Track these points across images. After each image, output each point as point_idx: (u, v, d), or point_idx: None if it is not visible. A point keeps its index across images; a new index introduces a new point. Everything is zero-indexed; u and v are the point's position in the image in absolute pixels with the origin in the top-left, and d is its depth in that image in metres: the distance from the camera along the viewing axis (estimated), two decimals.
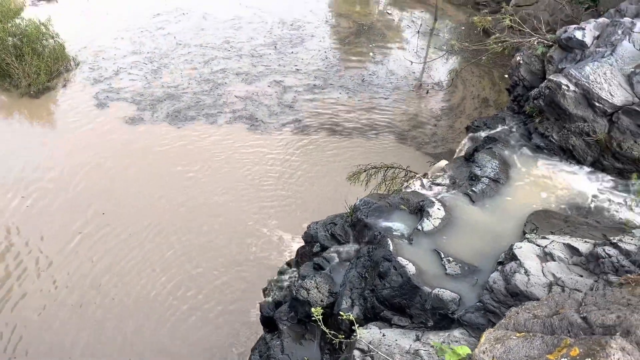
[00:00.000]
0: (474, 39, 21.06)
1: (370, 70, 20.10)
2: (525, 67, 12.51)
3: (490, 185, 9.39)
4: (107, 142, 16.26)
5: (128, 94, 18.28)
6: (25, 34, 18.19)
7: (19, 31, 18.27)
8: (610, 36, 11.28)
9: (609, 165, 9.95)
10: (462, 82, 19.48)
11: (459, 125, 17.26)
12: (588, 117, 10.06)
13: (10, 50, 17.64)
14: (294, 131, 17.06)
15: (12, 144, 16.05)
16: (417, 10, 24.53)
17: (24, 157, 15.50)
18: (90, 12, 23.34)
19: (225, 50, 20.85)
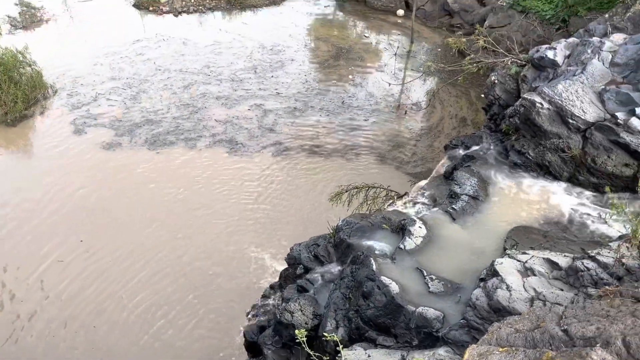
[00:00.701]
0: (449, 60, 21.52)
1: (350, 93, 20.34)
2: (500, 86, 12.80)
3: (469, 203, 9.51)
4: (84, 168, 16.11)
5: (106, 119, 18.18)
6: (2, 63, 18.04)
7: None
8: (580, 55, 11.64)
9: (584, 180, 10.16)
10: (440, 102, 19.80)
11: (438, 145, 17.48)
12: (562, 134, 10.30)
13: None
14: (275, 153, 17.10)
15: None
16: (393, 33, 25.00)
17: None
18: (69, 39, 23.29)
19: (205, 75, 20.93)
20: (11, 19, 23.88)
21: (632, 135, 9.55)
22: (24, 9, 24.40)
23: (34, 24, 23.96)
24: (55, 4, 25.97)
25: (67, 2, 26.55)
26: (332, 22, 26.30)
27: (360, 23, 26.15)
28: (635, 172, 9.62)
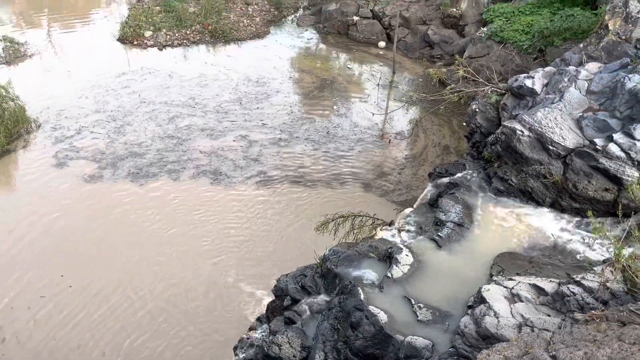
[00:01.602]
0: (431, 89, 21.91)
1: (335, 123, 20.55)
2: (481, 114, 13.06)
3: (455, 230, 9.57)
4: (64, 201, 15.95)
5: (89, 152, 18.09)
6: None
7: None
8: (557, 83, 11.96)
9: (567, 206, 10.31)
10: (423, 131, 20.08)
11: (423, 173, 17.65)
12: (544, 160, 10.49)
13: None
14: (259, 183, 17.12)
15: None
16: (376, 64, 25.46)
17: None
18: (54, 73, 23.31)
19: (191, 107, 21.03)
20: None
21: (611, 161, 9.76)
22: (8, 44, 24.43)
23: (17, 59, 23.97)
24: (39, 39, 26.07)
25: (51, 37, 26.66)
26: (316, 54, 26.73)
27: (343, 55, 26.61)
28: (616, 197, 9.80)
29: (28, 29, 27.35)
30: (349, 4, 28.39)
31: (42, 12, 29.58)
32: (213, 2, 28.40)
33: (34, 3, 30.78)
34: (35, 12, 29.57)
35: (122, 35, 26.46)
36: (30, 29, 27.30)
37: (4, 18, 28.44)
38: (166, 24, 27.22)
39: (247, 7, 29.93)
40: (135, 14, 27.62)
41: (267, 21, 29.25)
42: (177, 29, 26.95)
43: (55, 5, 30.55)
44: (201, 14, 27.82)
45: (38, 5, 30.53)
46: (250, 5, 30.09)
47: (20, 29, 27.21)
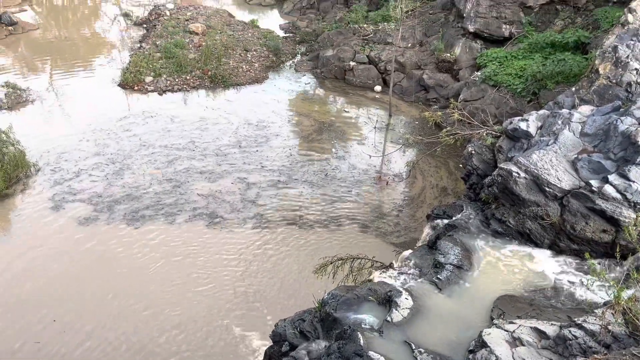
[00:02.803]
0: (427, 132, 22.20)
1: (333, 165, 20.72)
2: (477, 156, 13.21)
3: (454, 272, 9.53)
4: (57, 243, 15.90)
5: (86, 195, 18.13)
6: None
7: None
8: (551, 126, 12.17)
9: (565, 247, 10.30)
10: (420, 172, 20.23)
11: (421, 215, 17.67)
12: (540, 202, 10.55)
13: None
14: (256, 226, 17.10)
15: None
16: (372, 108, 25.87)
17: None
18: (55, 117, 23.61)
19: (190, 150, 21.22)
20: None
21: (607, 202, 9.82)
22: (10, 90, 24.82)
23: (19, 105, 24.30)
24: (41, 85, 26.51)
25: (53, 83, 27.13)
26: (313, 98, 27.19)
27: (340, 99, 27.07)
28: (614, 238, 9.81)
29: (31, 74, 27.86)
30: (345, 50, 29.08)
31: (45, 59, 30.20)
32: (213, 48, 29.08)
33: (38, 49, 31.47)
34: (38, 58, 30.18)
35: (123, 80, 26.94)
36: (33, 75, 27.80)
37: (7, 64, 29.01)
38: (166, 69, 27.78)
39: (246, 53, 30.63)
40: (136, 60, 28.21)
41: (265, 67, 29.88)
42: (177, 75, 27.49)
43: (58, 52, 31.23)
44: (201, 60, 28.44)
45: (41, 51, 31.21)
46: (249, 52, 30.80)
47: (22, 75, 27.71)
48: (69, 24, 37.07)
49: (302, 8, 39.62)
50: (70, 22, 37.70)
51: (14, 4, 37.62)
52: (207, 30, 32.43)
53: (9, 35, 32.66)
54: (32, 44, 32.28)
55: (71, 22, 37.92)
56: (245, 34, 33.24)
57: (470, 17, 26.09)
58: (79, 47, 32.39)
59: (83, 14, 39.90)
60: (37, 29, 34.54)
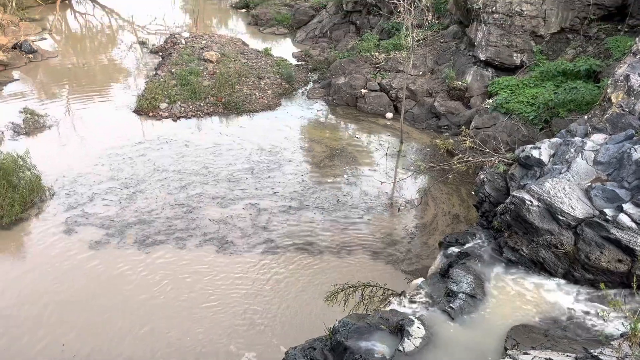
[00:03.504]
0: (439, 159, 22.25)
1: (345, 191, 20.75)
2: (490, 184, 13.18)
3: (467, 301, 9.43)
4: (66, 267, 16.02)
5: (98, 219, 18.31)
6: (2, 167, 18.42)
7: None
8: (564, 154, 12.14)
9: (580, 277, 10.17)
10: (432, 199, 20.17)
11: (433, 242, 17.56)
12: (554, 230, 10.46)
13: None
14: (266, 251, 17.10)
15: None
16: (384, 135, 25.99)
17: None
18: (71, 142, 23.99)
19: (203, 175, 21.40)
20: (15, 126, 24.72)
21: (622, 231, 9.72)
22: (28, 116, 25.34)
23: (36, 130, 24.77)
24: (58, 111, 27.05)
25: (70, 109, 27.66)
26: (325, 124, 27.39)
27: (351, 125, 27.25)
28: (630, 268, 9.67)
29: (48, 101, 28.44)
30: (357, 78, 29.39)
31: (63, 85, 30.87)
32: (226, 76, 29.55)
33: (56, 76, 32.20)
34: (56, 85, 30.87)
35: (139, 106, 27.40)
36: (51, 101, 28.38)
37: (26, 91, 29.67)
38: (181, 96, 28.23)
39: (259, 80, 31.08)
40: (151, 87, 28.73)
41: (278, 94, 30.25)
42: (191, 101, 27.92)
43: (75, 78, 31.93)
44: (215, 87, 28.89)
45: (59, 78, 31.92)
46: (262, 79, 31.25)
47: (41, 101, 28.31)
48: (87, 52, 37.95)
49: (315, 37, 40.25)
50: (88, 50, 38.61)
51: (34, 33, 38.69)
52: (221, 58, 33.02)
53: (29, 63, 33.50)
54: (50, 71, 33.05)
55: (89, 49, 38.83)
56: (259, 62, 33.77)
57: (482, 45, 26.33)
58: (95, 74, 33.09)
59: (101, 42, 40.86)
60: (56, 57, 35.40)
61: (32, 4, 43.84)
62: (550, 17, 25.21)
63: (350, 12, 39.22)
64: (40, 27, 40.36)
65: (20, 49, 33.87)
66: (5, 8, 40.08)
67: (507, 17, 25.48)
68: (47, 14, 43.28)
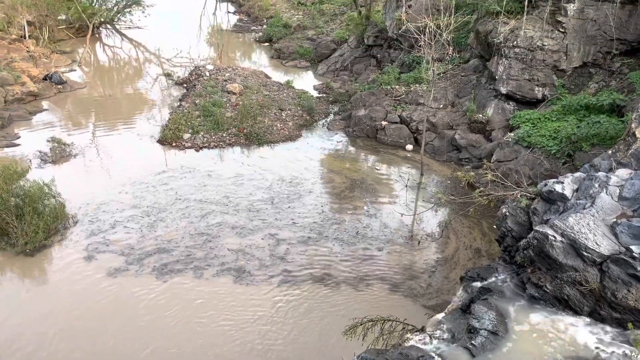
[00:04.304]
0: (460, 192, 22.08)
1: (365, 223, 20.65)
2: (512, 218, 13.00)
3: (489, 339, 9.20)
4: (85, 294, 16.21)
5: (119, 246, 18.54)
6: (28, 195, 18.82)
7: (22, 192, 18.92)
8: (588, 189, 11.94)
9: (606, 315, 9.87)
10: (454, 233, 19.94)
11: (454, 276, 17.28)
12: (579, 267, 10.23)
13: (12, 210, 18.11)
14: (282, 283, 17.02)
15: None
16: (404, 166, 25.96)
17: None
18: (96, 170, 24.50)
19: (224, 205, 21.56)
20: (42, 154, 25.38)
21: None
22: (55, 145, 26.00)
23: (62, 158, 25.36)
24: (84, 140, 27.70)
25: (95, 138, 28.31)
26: (345, 156, 27.51)
27: (371, 157, 27.30)
28: None
29: (75, 130, 29.18)
30: (377, 110, 29.60)
31: (89, 115, 31.69)
32: (249, 107, 30.03)
33: (83, 106, 33.09)
34: (83, 115, 31.70)
35: (162, 137, 27.93)
36: (77, 130, 29.11)
37: (54, 120, 30.53)
38: (204, 127, 28.73)
39: (280, 112, 31.50)
40: (175, 118, 29.31)
41: (299, 125, 30.57)
42: (214, 132, 28.37)
43: (102, 109, 32.77)
44: (237, 119, 29.35)
45: (86, 108, 32.80)
46: (283, 111, 31.67)
47: (68, 130, 29.06)
48: (114, 83, 39.03)
49: (336, 70, 40.80)
50: (115, 81, 39.71)
51: (64, 65, 40.01)
52: (244, 90, 33.62)
53: (58, 93, 34.55)
54: (78, 101, 34.01)
55: (116, 81, 39.93)
56: (281, 94, 34.28)
57: (503, 79, 26.37)
58: (121, 105, 33.93)
59: (127, 74, 42.02)
60: (84, 88, 36.45)
61: (63, 37, 45.47)
62: (572, 51, 25.22)
63: (371, 45, 39.77)
64: (71, 60, 41.73)
65: (51, 80, 35.01)
66: (38, 41, 41.64)
67: (528, 52, 25.56)
68: (77, 46, 44.81)
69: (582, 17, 24.93)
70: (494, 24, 27.23)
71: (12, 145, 26.71)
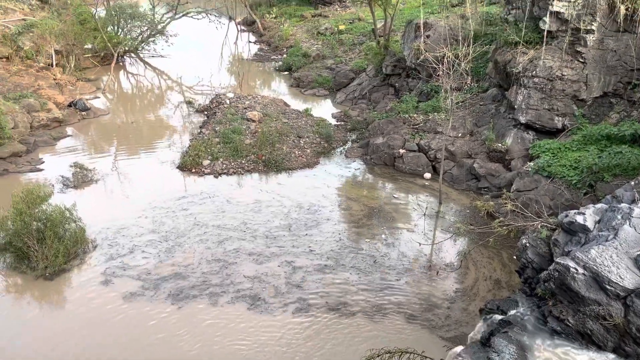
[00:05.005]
0: (479, 221, 21.84)
1: (382, 252, 20.49)
2: (532, 249, 12.79)
3: None
4: (98, 318, 16.36)
5: (136, 271, 18.71)
6: (50, 219, 19.12)
7: (44, 216, 19.24)
8: (610, 221, 11.73)
9: (632, 352, 9.57)
10: (473, 263, 19.65)
11: (473, 308, 16.97)
12: (602, 300, 9.98)
13: (33, 234, 18.40)
14: (298, 310, 16.90)
15: (9, 327, 16.12)
16: (422, 195, 25.81)
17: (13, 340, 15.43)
18: (117, 195, 24.89)
19: (241, 231, 21.62)
20: (64, 179, 25.86)
21: None
22: (77, 170, 26.49)
23: (84, 183, 25.79)
24: (106, 165, 28.18)
25: (117, 164, 28.79)
26: (362, 183, 27.49)
27: (389, 184, 27.23)
28: None
29: (97, 155, 29.73)
30: (395, 138, 29.65)
31: (111, 141, 32.30)
32: (268, 135, 30.32)
33: (106, 132, 33.78)
34: (105, 141, 32.33)
35: (182, 163, 28.29)
36: (99, 156, 29.66)
37: (78, 146, 31.17)
38: (223, 153, 29.05)
39: (299, 139, 31.73)
40: (195, 145, 29.70)
41: (317, 152, 30.72)
42: (233, 159, 28.66)
43: (124, 135, 33.39)
44: (256, 146, 29.63)
45: (109, 134, 33.47)
46: (302, 138, 31.90)
47: (90, 155, 29.62)
48: (137, 110, 39.81)
49: (354, 98, 41.11)
50: (137, 108, 40.51)
51: (89, 92, 41.02)
52: (263, 117, 34.01)
53: (82, 120, 35.35)
54: (101, 127, 34.74)
55: (138, 108, 40.75)
56: (299, 122, 34.59)
57: (522, 108, 26.29)
58: (143, 131, 34.54)
59: (150, 101, 42.88)
60: (107, 114, 37.25)
61: (88, 66, 46.72)
62: (592, 81, 25.10)
63: (390, 75, 40.07)
64: (95, 87, 42.77)
65: (75, 106, 35.87)
66: (64, 69, 42.86)
67: (547, 81, 25.50)
68: (102, 74, 45.97)
69: (602, 48, 24.88)
70: (513, 54, 27.30)
71: (36, 170, 27.29)
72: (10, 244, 18.60)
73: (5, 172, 26.76)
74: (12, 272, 18.57)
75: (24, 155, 28.60)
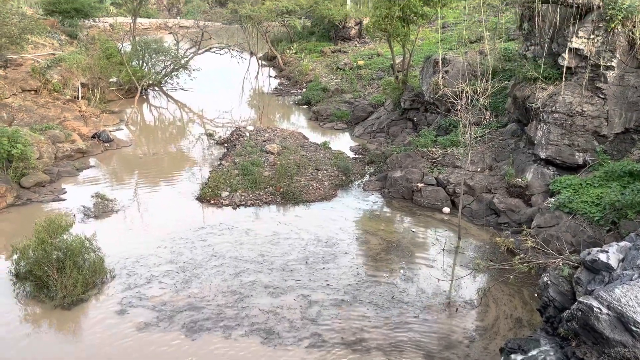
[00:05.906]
0: (499, 257, 21.48)
1: (401, 288, 20.21)
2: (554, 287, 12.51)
3: None
4: (111, 348, 16.35)
5: (151, 301, 18.69)
6: (70, 249, 19.32)
7: (65, 245, 19.46)
8: (635, 259, 11.45)
9: None
10: (493, 300, 19.25)
11: (494, 347, 16.53)
12: (627, 342, 9.67)
13: (53, 263, 18.59)
14: (312, 345, 16.62)
15: (23, 358, 16.11)
16: (440, 229, 25.56)
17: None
18: (137, 225, 25.13)
19: (258, 263, 21.57)
20: (85, 209, 26.23)
21: None
22: (99, 200, 26.90)
23: (105, 214, 26.13)
24: (126, 196, 28.57)
25: (137, 194, 29.18)
26: (380, 216, 27.36)
27: (407, 218, 27.06)
28: None
29: (118, 186, 30.19)
30: (413, 172, 29.60)
31: (132, 172, 32.82)
32: (286, 167, 30.55)
33: (127, 164, 34.37)
34: (126, 172, 32.87)
35: (202, 194, 28.55)
36: (120, 186, 30.11)
37: (100, 177, 31.72)
38: (242, 185, 29.27)
39: (317, 172, 31.88)
40: (215, 176, 30.02)
41: (334, 185, 30.78)
42: (251, 191, 28.84)
43: (145, 166, 33.92)
44: (274, 178, 29.83)
45: (130, 165, 34.05)
46: (320, 171, 32.05)
47: (111, 186, 30.09)
48: (158, 142, 40.54)
49: (372, 132, 41.35)
50: (159, 140, 41.26)
51: (112, 124, 42.00)
52: (282, 150, 34.33)
53: (105, 151, 36.08)
54: (123, 158, 35.38)
55: (160, 139, 41.49)
56: (317, 155, 34.82)
57: (542, 144, 26.14)
58: (164, 163, 35.06)
59: (171, 133, 43.67)
60: (129, 146, 37.98)
61: (113, 98, 47.97)
62: (613, 117, 24.92)
63: (408, 109, 40.31)
64: (119, 119, 43.75)
65: (99, 138, 36.68)
66: (89, 101, 44.06)
67: (567, 117, 25.39)
68: (125, 106, 47.11)
69: (623, 84, 24.77)
70: (532, 90, 27.32)
71: (59, 200, 27.76)
72: (31, 272, 18.78)
73: (29, 202, 27.28)
74: (31, 300, 18.70)
75: (48, 185, 29.17)
